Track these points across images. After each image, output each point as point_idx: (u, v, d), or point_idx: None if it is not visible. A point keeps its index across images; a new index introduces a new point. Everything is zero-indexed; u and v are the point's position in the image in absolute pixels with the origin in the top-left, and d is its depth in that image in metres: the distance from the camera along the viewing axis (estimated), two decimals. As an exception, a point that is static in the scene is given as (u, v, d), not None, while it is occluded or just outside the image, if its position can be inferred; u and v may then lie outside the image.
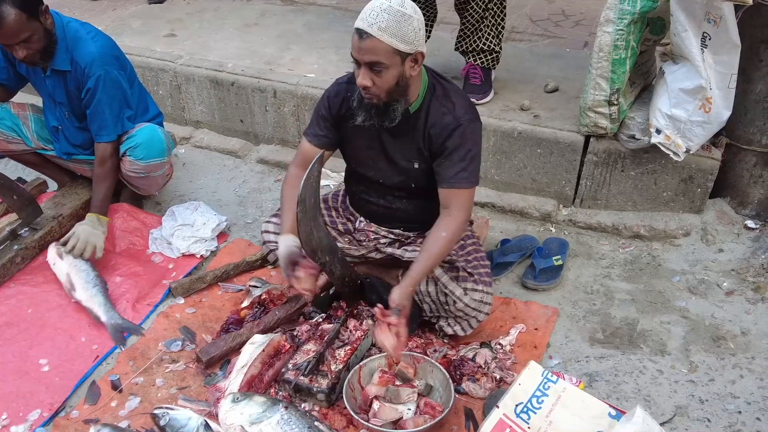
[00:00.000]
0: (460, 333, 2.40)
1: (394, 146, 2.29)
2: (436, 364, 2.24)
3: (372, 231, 2.50)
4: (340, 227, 2.56)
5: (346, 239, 2.55)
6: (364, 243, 2.52)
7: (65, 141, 3.03)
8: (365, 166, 2.39)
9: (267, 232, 2.59)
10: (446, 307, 2.32)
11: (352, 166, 2.47)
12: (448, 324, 2.39)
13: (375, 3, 2.00)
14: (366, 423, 2.06)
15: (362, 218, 2.54)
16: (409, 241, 2.48)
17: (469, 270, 2.31)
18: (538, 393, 2.01)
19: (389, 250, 2.46)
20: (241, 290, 2.74)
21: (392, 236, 2.49)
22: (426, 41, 3.31)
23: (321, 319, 2.44)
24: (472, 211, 2.59)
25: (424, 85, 2.21)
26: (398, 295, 2.14)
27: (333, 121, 2.34)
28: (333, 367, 2.24)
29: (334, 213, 2.61)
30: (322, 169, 2.34)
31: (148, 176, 2.97)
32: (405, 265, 2.43)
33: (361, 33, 1.98)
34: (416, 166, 2.29)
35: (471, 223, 2.62)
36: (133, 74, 3.01)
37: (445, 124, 2.18)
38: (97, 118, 2.81)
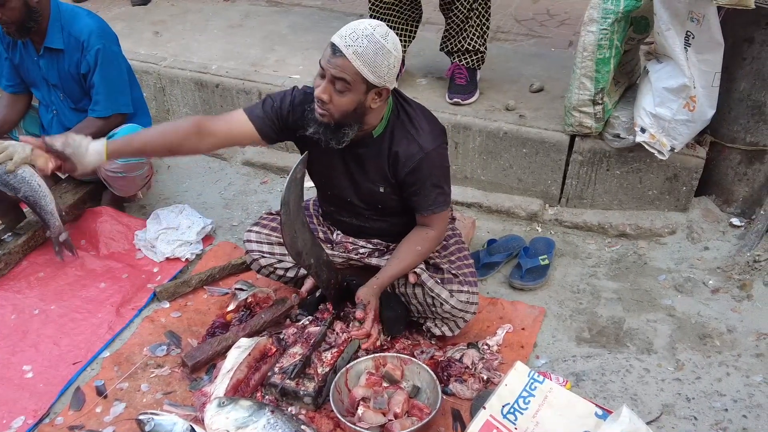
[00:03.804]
0: (448, 333, 2.39)
1: (357, 168, 2.24)
2: (423, 365, 2.24)
3: (350, 242, 2.47)
4: (321, 235, 2.52)
5: (327, 246, 2.51)
6: (344, 254, 2.50)
7: (59, 127, 3.00)
8: (330, 184, 2.35)
9: (249, 241, 2.52)
10: (433, 309, 2.31)
11: (321, 182, 2.42)
12: (435, 325, 2.39)
13: (359, 25, 1.94)
14: (353, 426, 2.04)
15: (339, 232, 2.51)
16: (391, 248, 2.44)
17: (453, 272, 2.31)
18: (524, 393, 2.02)
19: (367, 260, 2.43)
20: (226, 294, 2.72)
21: (371, 246, 2.46)
22: (411, 42, 3.37)
23: (307, 322, 2.42)
24: (457, 210, 2.58)
25: (388, 109, 2.15)
26: (363, 292, 2.26)
27: (279, 119, 2.22)
28: (319, 370, 2.22)
29: (315, 221, 2.58)
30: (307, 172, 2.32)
31: (126, 176, 2.92)
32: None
33: (335, 49, 1.92)
34: (381, 190, 2.25)
35: (453, 219, 2.60)
36: (131, 70, 3.03)
37: (411, 154, 2.13)
38: (93, 94, 2.82)
